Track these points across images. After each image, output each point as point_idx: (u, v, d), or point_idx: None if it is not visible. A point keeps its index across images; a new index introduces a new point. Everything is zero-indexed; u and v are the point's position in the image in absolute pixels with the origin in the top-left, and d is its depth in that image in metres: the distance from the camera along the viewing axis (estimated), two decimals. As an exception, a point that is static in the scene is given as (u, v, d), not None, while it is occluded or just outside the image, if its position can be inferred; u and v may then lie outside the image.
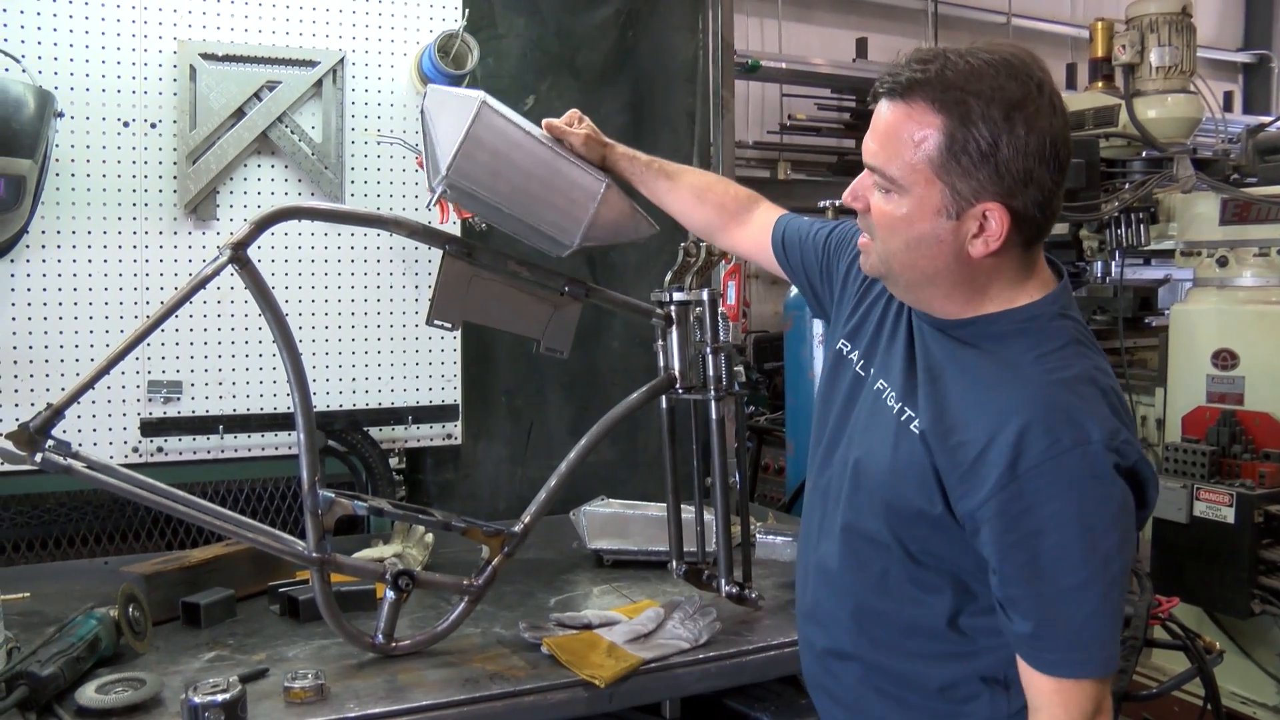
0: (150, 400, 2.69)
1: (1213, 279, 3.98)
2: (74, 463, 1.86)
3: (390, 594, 2.03)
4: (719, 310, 2.26)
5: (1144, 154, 4.38)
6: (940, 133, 1.31)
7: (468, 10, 2.94)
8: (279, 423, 2.78)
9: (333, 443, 2.91)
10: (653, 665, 2.01)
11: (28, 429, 1.81)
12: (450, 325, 2.16)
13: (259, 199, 2.77)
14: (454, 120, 1.99)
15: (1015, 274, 1.40)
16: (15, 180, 2.33)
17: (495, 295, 2.17)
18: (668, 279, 2.37)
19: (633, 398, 2.23)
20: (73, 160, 2.60)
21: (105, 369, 1.90)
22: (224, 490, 2.89)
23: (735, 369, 2.27)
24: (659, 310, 2.27)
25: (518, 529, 2.13)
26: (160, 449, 2.70)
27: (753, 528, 2.41)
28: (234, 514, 1.98)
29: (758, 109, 8.14)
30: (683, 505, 2.34)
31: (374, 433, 2.95)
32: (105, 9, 2.61)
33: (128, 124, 2.65)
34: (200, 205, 2.71)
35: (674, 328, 2.25)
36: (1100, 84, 4.64)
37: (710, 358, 2.24)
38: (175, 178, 2.69)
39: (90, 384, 1.90)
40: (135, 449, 2.68)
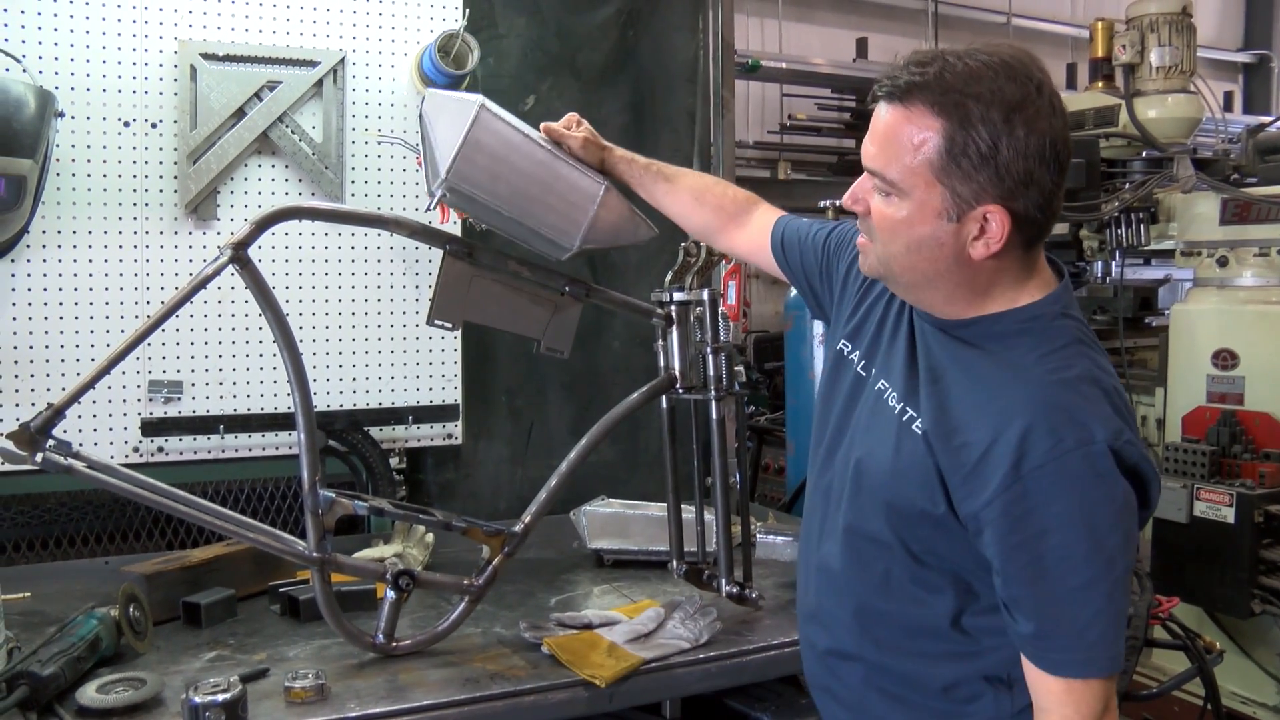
0: (151, 400, 2.69)
1: (1213, 279, 3.98)
2: (75, 462, 1.86)
3: (391, 594, 2.03)
4: (719, 310, 2.26)
5: (1144, 154, 4.38)
6: (940, 136, 1.31)
7: (468, 10, 2.94)
8: (279, 422, 2.78)
9: (333, 442, 2.91)
10: (653, 665, 2.01)
11: (28, 429, 1.81)
12: (451, 325, 2.16)
13: (259, 199, 2.77)
14: (453, 124, 1.99)
15: (1016, 274, 1.40)
16: (16, 180, 2.33)
17: (496, 295, 2.17)
18: (668, 279, 2.37)
19: (633, 397, 2.23)
20: (73, 160, 2.60)
21: (106, 369, 1.90)
22: (224, 490, 2.89)
23: (735, 369, 2.27)
24: (659, 310, 2.27)
25: (518, 529, 2.13)
26: (161, 449, 2.70)
27: (753, 527, 2.41)
28: (234, 514, 1.98)
29: (758, 109, 8.14)
30: (683, 505, 2.34)
31: (374, 432, 2.95)
32: (106, 9, 2.61)
33: (128, 124, 2.65)
34: (201, 205, 2.71)
35: (674, 328, 2.25)
36: (1100, 84, 4.64)
37: (710, 358, 2.24)
38: (176, 177, 2.69)
39: (91, 384, 1.90)
40: (136, 449, 2.68)
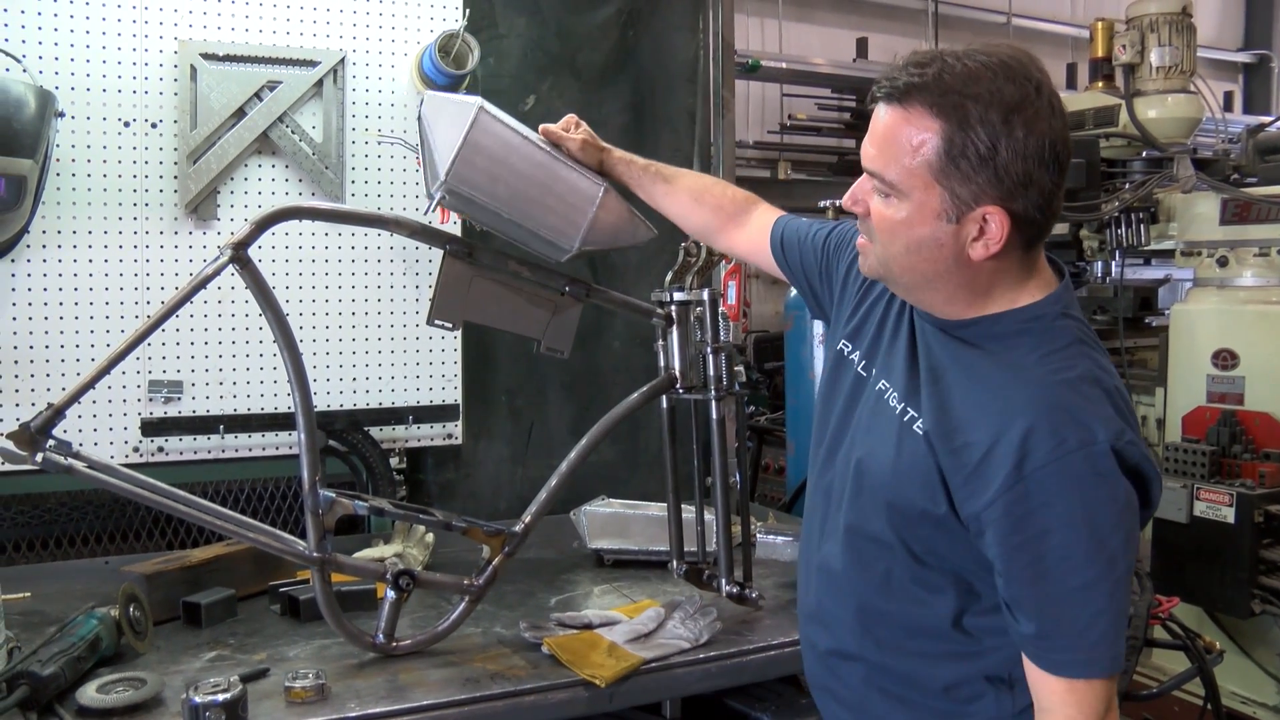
0: (151, 400, 2.69)
1: (1213, 279, 3.98)
2: (75, 462, 1.86)
3: (391, 594, 2.03)
4: (719, 310, 2.27)
5: (1144, 154, 4.38)
6: (939, 137, 1.31)
7: (468, 10, 2.94)
8: (280, 422, 2.78)
9: (333, 442, 2.91)
10: (653, 665, 2.01)
11: (29, 429, 1.81)
12: (451, 325, 2.16)
13: (259, 199, 2.77)
14: (451, 126, 1.99)
15: (1017, 275, 1.40)
16: (16, 180, 2.33)
17: (496, 295, 2.17)
18: (668, 279, 2.37)
19: (633, 397, 2.23)
20: (73, 160, 2.60)
21: (106, 369, 1.90)
22: (225, 490, 2.89)
23: (735, 369, 2.27)
24: (659, 310, 2.27)
25: (518, 529, 2.13)
26: (161, 449, 2.70)
27: (753, 527, 2.41)
28: (235, 514, 1.98)
29: (758, 109, 8.14)
30: (683, 505, 2.34)
31: (374, 432, 2.95)
32: (106, 9, 2.61)
33: (128, 124, 2.65)
34: (201, 205, 2.71)
35: (674, 327, 2.25)
36: (1100, 84, 4.63)
37: (711, 357, 2.24)
38: (176, 177, 2.69)
39: (91, 384, 1.90)
40: (136, 449, 2.68)
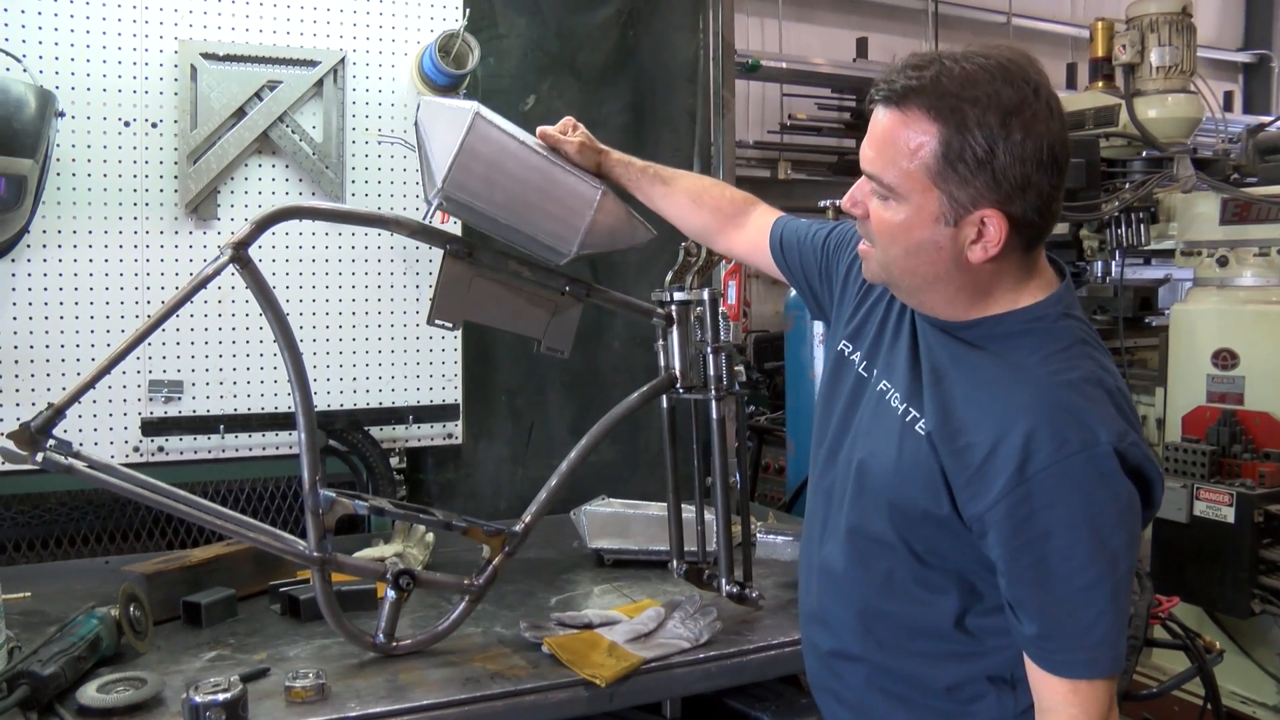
0: (151, 400, 2.69)
1: (1213, 279, 3.98)
2: (75, 462, 1.86)
3: (391, 593, 2.03)
4: (719, 310, 2.27)
5: (1144, 154, 4.37)
6: (936, 140, 1.31)
7: (468, 10, 2.94)
8: (280, 422, 2.78)
9: (333, 442, 2.91)
10: (653, 665, 2.01)
11: (29, 428, 1.81)
12: (451, 325, 2.16)
13: (260, 199, 2.77)
14: (448, 132, 1.99)
15: (1017, 276, 1.40)
16: (16, 180, 2.33)
17: (496, 295, 2.17)
18: (668, 279, 2.37)
19: (633, 397, 2.23)
20: (74, 160, 2.60)
21: (106, 368, 1.90)
22: (225, 490, 2.89)
23: (736, 368, 2.27)
24: (660, 310, 2.27)
25: (518, 528, 2.13)
26: (161, 448, 2.70)
27: (753, 527, 2.41)
28: (235, 513, 1.98)
29: (758, 109, 8.14)
30: (683, 505, 2.34)
31: (375, 432, 2.95)
32: (106, 9, 2.61)
33: (129, 124, 2.65)
34: (201, 205, 2.71)
35: (675, 327, 2.25)
36: (1100, 84, 4.63)
37: (711, 357, 2.24)
38: (176, 177, 2.69)
39: (91, 383, 1.90)
40: (136, 448, 2.68)
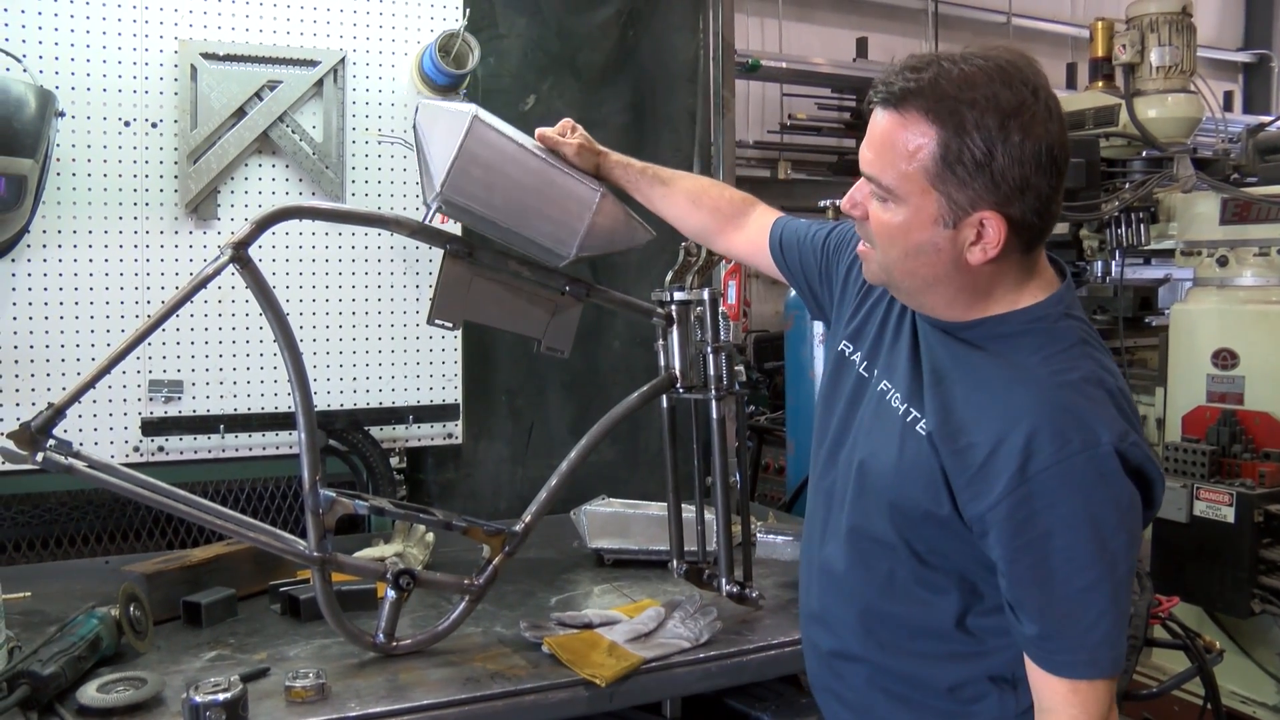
0: (151, 399, 2.69)
1: (1213, 279, 3.98)
2: (75, 462, 1.86)
3: (391, 593, 2.03)
4: (720, 310, 2.27)
5: (1144, 154, 4.37)
6: (935, 143, 1.31)
7: (468, 10, 2.94)
8: (280, 422, 2.78)
9: (334, 442, 2.91)
10: (653, 664, 2.01)
11: (29, 428, 1.81)
12: (451, 325, 2.16)
13: (260, 198, 2.77)
14: (447, 136, 1.99)
15: (1017, 277, 1.40)
16: (16, 180, 2.33)
17: (496, 295, 2.17)
18: (668, 278, 2.37)
19: (633, 397, 2.23)
20: (74, 160, 2.60)
21: (106, 368, 1.90)
22: (225, 490, 2.89)
23: (736, 368, 2.27)
24: (660, 310, 2.27)
25: (519, 528, 2.13)
26: (161, 448, 2.70)
27: (753, 527, 2.41)
28: (235, 513, 1.98)
29: (758, 109, 8.14)
30: (683, 504, 2.34)
31: (375, 432, 2.95)
32: (106, 8, 2.61)
33: (129, 123, 2.65)
34: (201, 205, 2.71)
35: (675, 327, 2.25)
36: (1100, 84, 4.63)
37: (711, 357, 2.24)
38: (176, 177, 2.69)
39: (91, 383, 1.90)
40: (136, 448, 2.68)
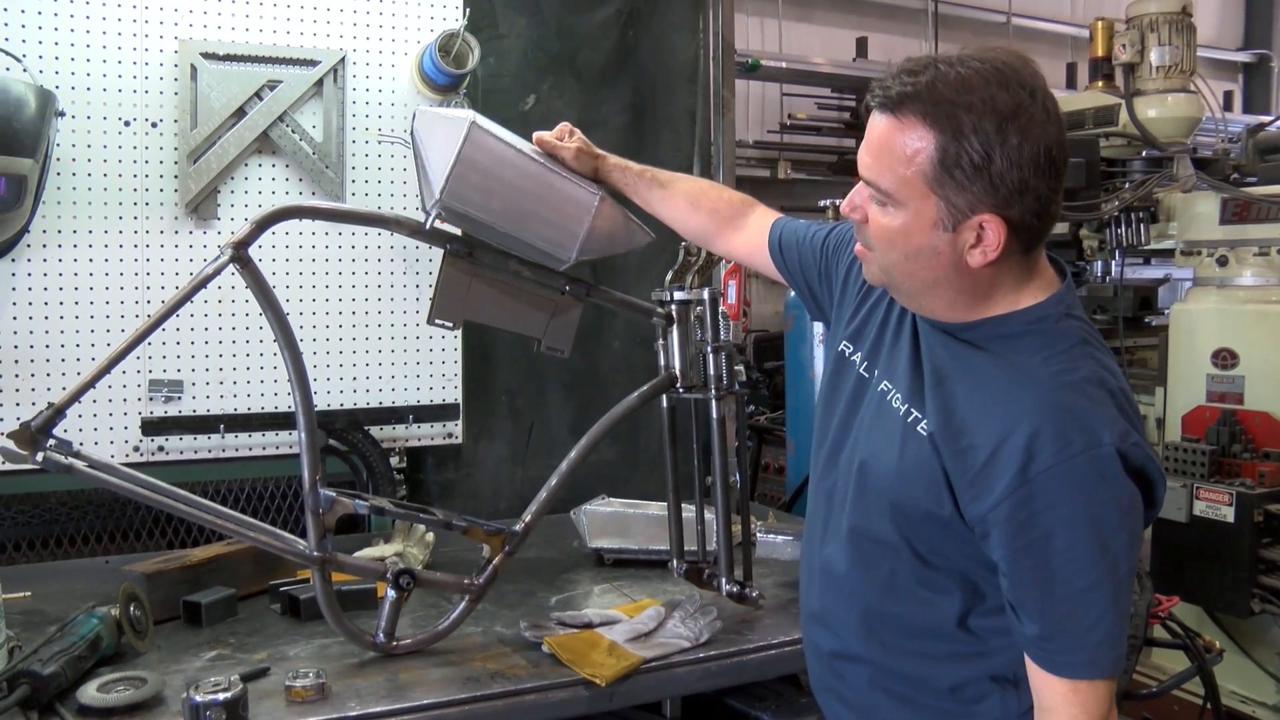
0: (151, 399, 2.69)
1: (1213, 278, 3.98)
2: (75, 462, 1.86)
3: (391, 593, 2.03)
4: (719, 309, 2.27)
5: (1144, 153, 4.37)
6: (933, 147, 1.30)
7: (468, 10, 2.94)
8: (280, 422, 2.78)
9: (334, 442, 2.91)
10: (653, 664, 2.01)
11: (29, 428, 1.81)
12: (451, 324, 2.16)
13: (260, 198, 2.77)
14: (445, 143, 1.99)
15: (1017, 277, 1.40)
16: (16, 179, 2.33)
17: (496, 295, 2.17)
18: (668, 278, 2.37)
19: (633, 397, 2.23)
20: (74, 160, 2.60)
21: (106, 368, 1.90)
22: (225, 489, 2.89)
23: (736, 368, 2.27)
24: (660, 309, 2.27)
25: (519, 528, 2.13)
26: (161, 448, 2.70)
27: (753, 527, 2.41)
28: (235, 513, 1.98)
29: (758, 108, 8.14)
30: (683, 504, 2.34)
31: (375, 432, 2.95)
32: (106, 8, 2.61)
33: (129, 123, 2.65)
34: (201, 204, 2.71)
35: (675, 327, 2.25)
36: (1100, 83, 4.63)
37: (711, 357, 2.24)
38: (176, 177, 2.69)
39: (91, 383, 1.90)
40: (136, 448, 2.68)
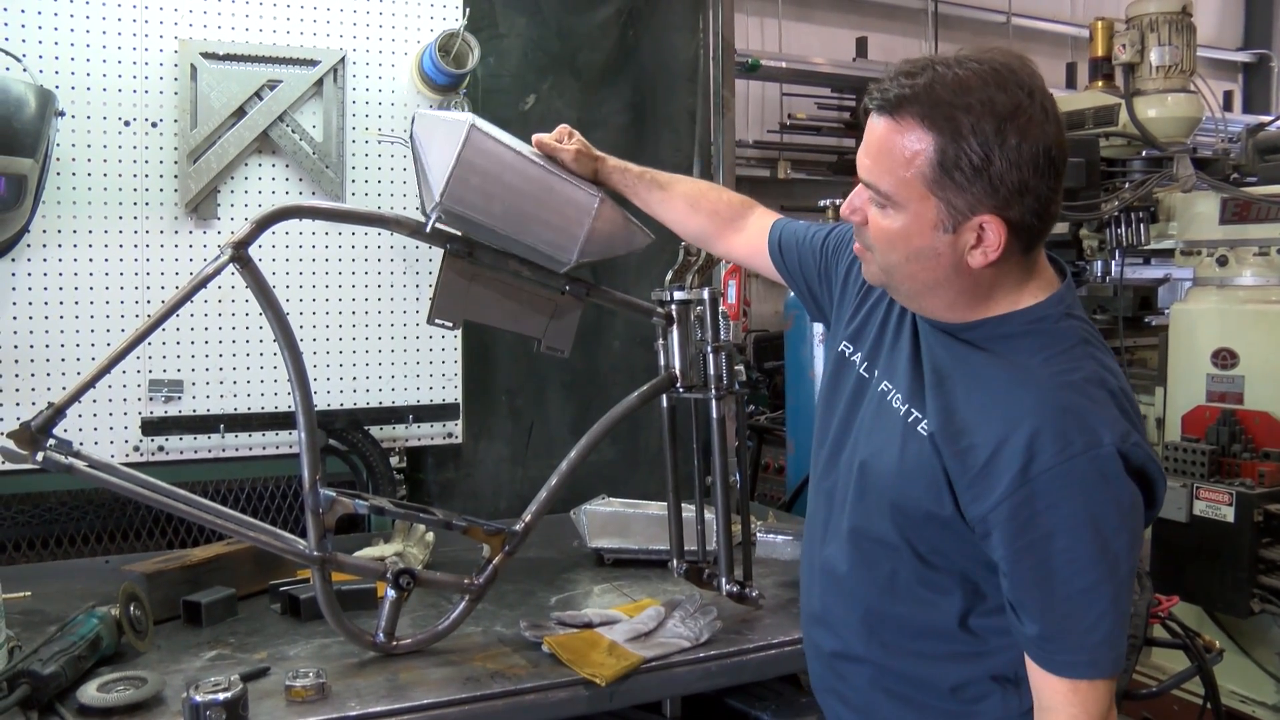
0: (151, 399, 2.69)
1: (1213, 278, 3.98)
2: (75, 461, 1.86)
3: (391, 593, 2.03)
4: (720, 309, 2.27)
5: (1144, 153, 4.37)
6: (932, 149, 1.30)
7: (468, 10, 2.94)
8: (280, 421, 2.79)
9: (334, 441, 2.91)
10: (653, 664, 2.02)
11: (29, 428, 1.81)
12: (451, 324, 2.16)
13: (260, 198, 2.77)
14: (444, 146, 1.99)
15: (1017, 277, 1.40)
16: (16, 179, 2.33)
17: (496, 294, 2.17)
18: (668, 278, 2.37)
19: (633, 397, 2.23)
20: (74, 159, 2.60)
21: (107, 368, 1.91)
22: (225, 489, 2.89)
23: (736, 368, 2.27)
24: (660, 309, 2.27)
25: (519, 528, 2.13)
26: (161, 448, 2.70)
27: (753, 526, 2.42)
28: (235, 513, 1.98)
29: (758, 108, 8.13)
30: (683, 504, 2.34)
31: (375, 431, 2.95)
32: (106, 8, 2.61)
33: (129, 123, 2.65)
34: (201, 204, 2.71)
35: (675, 327, 2.25)
36: (1100, 83, 4.62)
37: (711, 356, 2.24)
38: (176, 177, 2.69)
39: (92, 383, 1.90)
40: (136, 448, 2.68)
